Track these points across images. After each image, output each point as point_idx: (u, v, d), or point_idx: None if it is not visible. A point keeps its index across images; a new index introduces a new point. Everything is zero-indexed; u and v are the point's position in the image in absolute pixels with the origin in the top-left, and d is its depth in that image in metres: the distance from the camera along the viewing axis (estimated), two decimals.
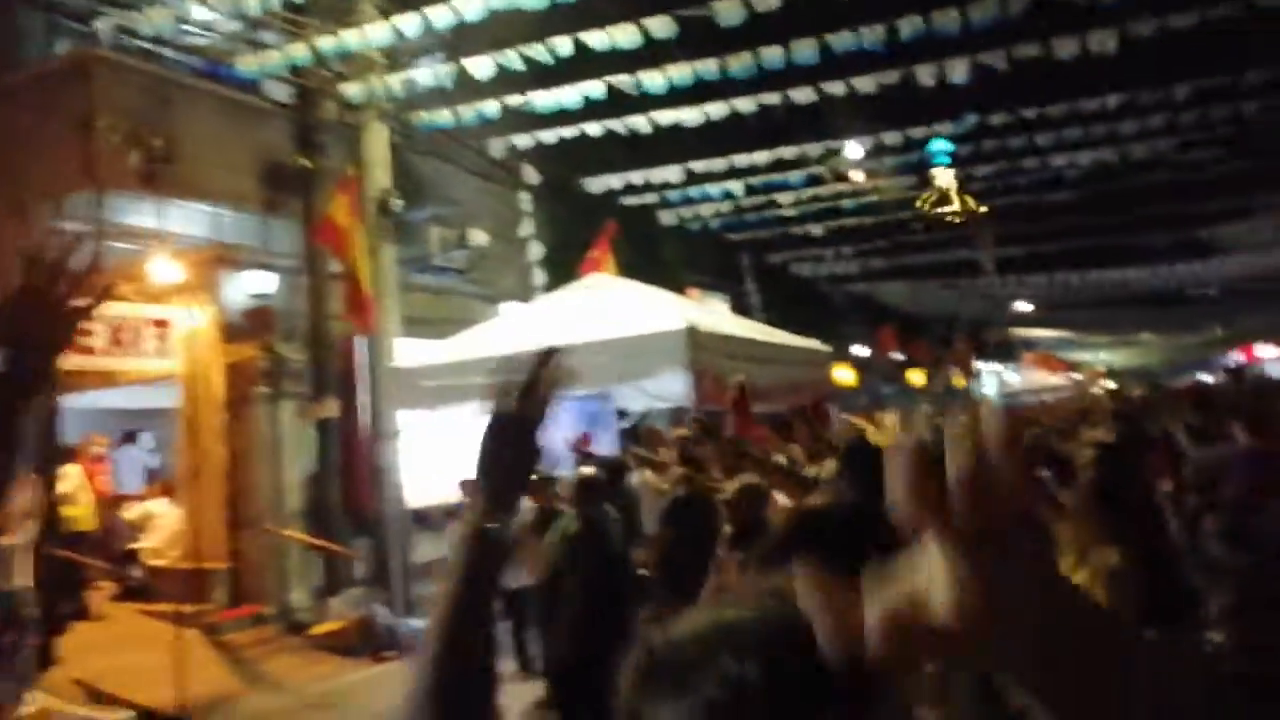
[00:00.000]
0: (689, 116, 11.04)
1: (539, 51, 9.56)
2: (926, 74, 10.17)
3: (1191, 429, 7.43)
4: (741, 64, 9.66)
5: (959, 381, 28.07)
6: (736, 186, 14.36)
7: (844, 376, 26.01)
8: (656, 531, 5.90)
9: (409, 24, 9.07)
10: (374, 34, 9.40)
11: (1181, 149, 14.42)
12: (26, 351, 1.34)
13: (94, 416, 11.15)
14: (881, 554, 0.54)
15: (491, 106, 11.03)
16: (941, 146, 16.11)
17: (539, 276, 12.97)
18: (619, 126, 11.21)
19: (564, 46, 9.49)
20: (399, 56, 10.63)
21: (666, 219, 15.72)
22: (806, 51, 9.36)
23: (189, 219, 10.27)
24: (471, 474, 1.25)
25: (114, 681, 7.69)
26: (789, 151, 13.27)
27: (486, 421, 1.27)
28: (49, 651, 7.47)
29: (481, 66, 9.89)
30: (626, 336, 8.52)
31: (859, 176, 18.04)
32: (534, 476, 1.37)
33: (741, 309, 19.25)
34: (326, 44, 9.56)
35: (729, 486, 5.70)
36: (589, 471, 5.97)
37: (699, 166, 13.29)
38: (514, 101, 10.93)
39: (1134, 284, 23.88)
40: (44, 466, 7.92)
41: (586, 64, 9.90)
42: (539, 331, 9.20)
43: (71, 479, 9.45)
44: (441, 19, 8.88)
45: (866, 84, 10.45)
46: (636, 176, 13.37)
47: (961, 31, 9.06)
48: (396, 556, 10.37)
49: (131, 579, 10.13)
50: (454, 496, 9.44)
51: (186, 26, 10.01)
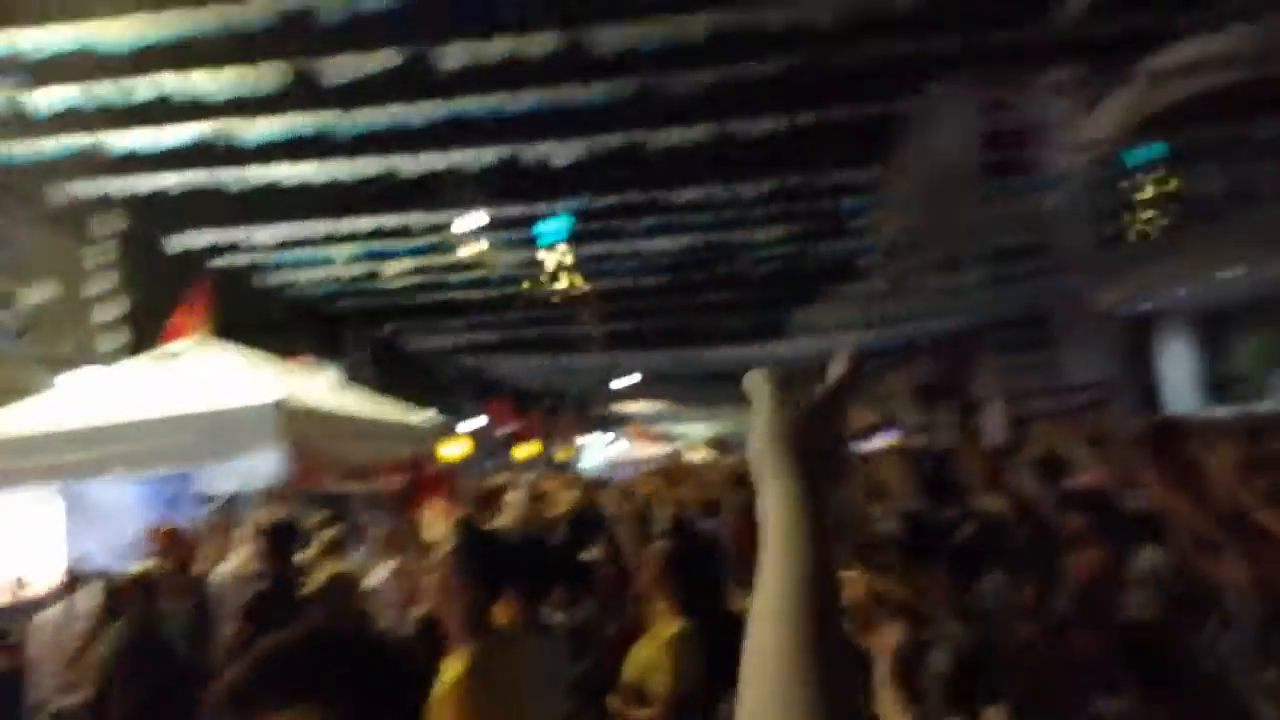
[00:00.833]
0: (286, 174, 10.36)
1: (112, 91, 8.52)
2: (533, 153, 10.39)
3: None
4: (345, 123, 9.26)
5: (565, 454, 28.97)
6: (340, 253, 13.72)
7: (454, 450, 25.81)
8: (234, 628, 5.22)
9: None
10: None
11: (765, 240, 16.00)
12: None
13: None
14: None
15: (51, 145, 9.64)
16: (551, 226, 16.63)
17: (113, 341, 11.41)
18: (207, 179, 10.26)
19: (144, 88, 8.54)
20: None
21: (268, 281, 14.63)
22: (414, 116, 9.18)
23: None
24: None
25: None
26: (396, 220, 12.92)
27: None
28: None
29: (42, 100, 8.63)
30: (212, 411, 7.67)
31: (469, 250, 18.11)
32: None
33: (348, 379, 18.41)
34: None
35: (317, 576, 5.20)
36: (139, 569, 5.14)
37: (299, 230, 12.52)
38: (82, 142, 9.64)
39: (723, 361, 26.12)
40: None
41: (171, 109, 8.98)
42: (108, 404, 8.04)
43: None
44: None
45: (472, 157, 10.44)
46: (230, 235, 12.30)
47: (566, 113, 9.38)
48: None
49: None
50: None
51: None
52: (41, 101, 8.68)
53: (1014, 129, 27.36)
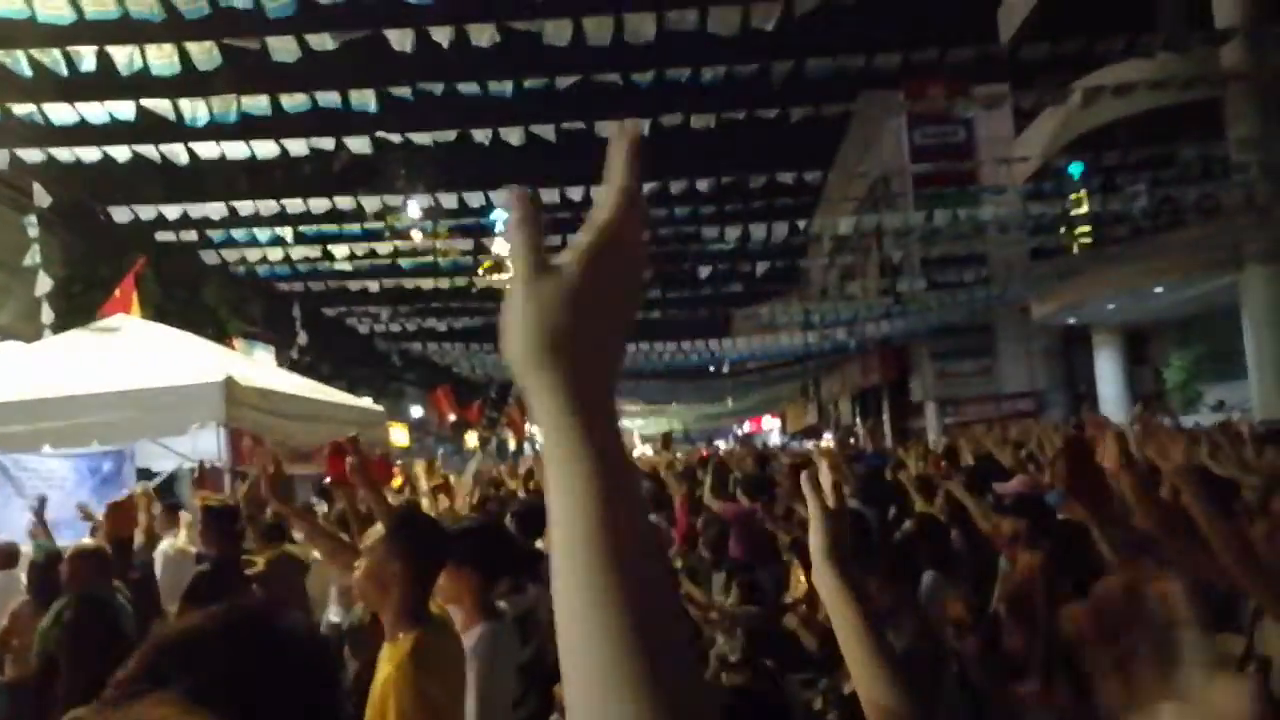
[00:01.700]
0: (234, 151, 10.19)
1: (55, 59, 8.32)
2: (482, 136, 10.35)
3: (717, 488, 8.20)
4: (294, 103, 9.15)
5: (512, 443, 28.93)
6: (287, 233, 13.51)
7: (398, 437, 25.63)
8: (177, 609, 5.21)
9: None
10: None
11: (710, 238, 16.11)
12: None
13: None
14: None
15: None
16: (500, 215, 16.57)
17: (51, 313, 11.11)
18: (153, 153, 10.05)
19: (88, 59, 8.35)
20: None
21: (210, 260, 14.35)
22: (366, 98, 9.11)
23: None
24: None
25: None
26: (346, 202, 12.76)
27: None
28: None
29: None
30: (154, 387, 7.59)
31: (418, 236, 17.99)
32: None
33: (292, 362, 18.18)
34: None
35: (260, 558, 5.21)
36: (88, 544, 5.10)
37: (245, 207, 12.31)
38: (20, 110, 9.39)
39: (664, 357, 26.27)
40: None
41: (114, 82, 8.78)
42: (44, 378, 7.91)
43: None
44: None
45: (424, 139, 10.36)
46: (173, 210, 12.04)
47: (515, 97, 9.37)
48: None
49: None
50: None
51: None
52: None
53: (950, 143, 28.07)
